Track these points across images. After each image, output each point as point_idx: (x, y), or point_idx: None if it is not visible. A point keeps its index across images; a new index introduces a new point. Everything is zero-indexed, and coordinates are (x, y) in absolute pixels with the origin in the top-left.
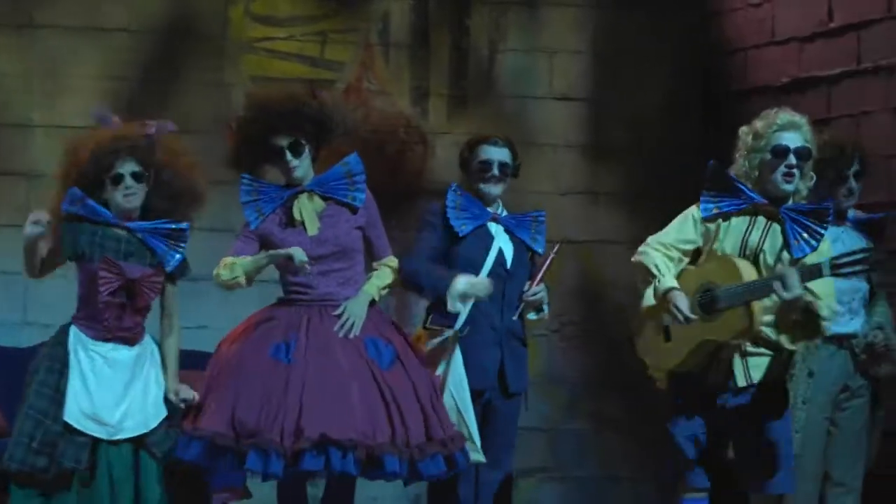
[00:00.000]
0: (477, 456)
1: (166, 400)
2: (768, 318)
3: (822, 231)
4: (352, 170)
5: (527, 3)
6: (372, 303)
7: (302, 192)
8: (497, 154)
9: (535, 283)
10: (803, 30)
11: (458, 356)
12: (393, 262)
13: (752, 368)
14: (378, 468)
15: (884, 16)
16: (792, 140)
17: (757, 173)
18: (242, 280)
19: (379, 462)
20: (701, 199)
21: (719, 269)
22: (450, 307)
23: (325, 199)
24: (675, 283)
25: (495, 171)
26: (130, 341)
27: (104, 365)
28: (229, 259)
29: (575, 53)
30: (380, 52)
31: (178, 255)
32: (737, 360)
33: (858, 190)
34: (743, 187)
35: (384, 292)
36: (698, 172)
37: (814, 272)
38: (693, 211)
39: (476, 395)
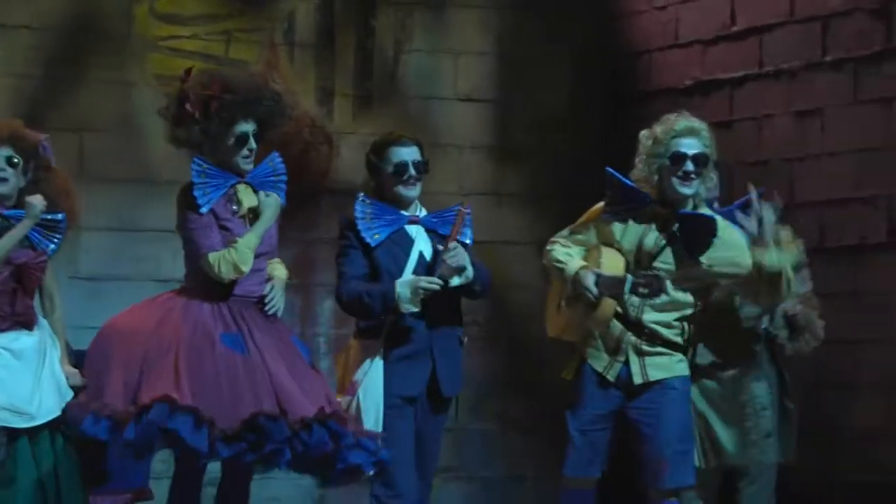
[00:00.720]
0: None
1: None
2: (658, 316)
3: (713, 237)
4: (276, 168)
5: (432, 5)
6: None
7: (242, 183)
8: (410, 154)
9: (450, 241)
10: (706, 33)
11: (378, 364)
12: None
13: (648, 367)
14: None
15: (785, 20)
16: (690, 146)
17: (656, 178)
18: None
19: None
20: (603, 204)
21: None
22: (404, 310)
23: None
24: (581, 264)
25: (412, 172)
26: (28, 325)
27: (11, 357)
28: (226, 254)
29: (480, 55)
30: (285, 51)
31: (52, 246)
32: (633, 358)
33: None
34: (641, 192)
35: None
36: (602, 173)
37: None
38: (593, 213)
39: (409, 402)
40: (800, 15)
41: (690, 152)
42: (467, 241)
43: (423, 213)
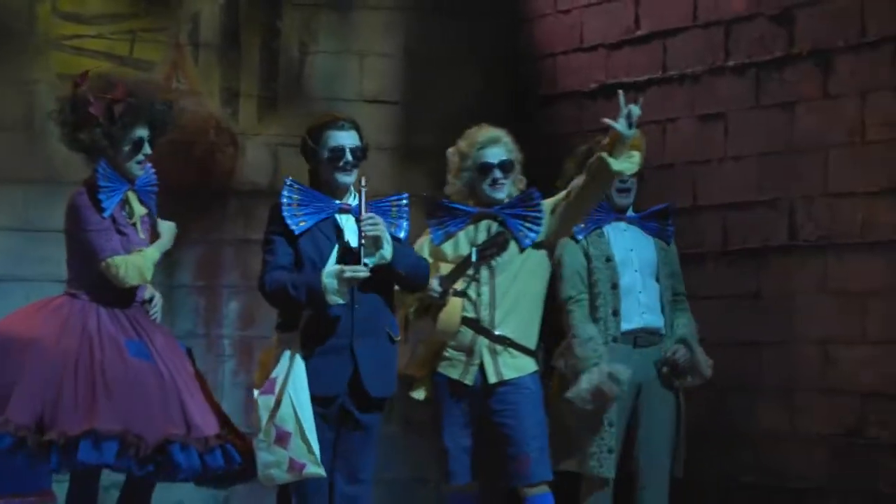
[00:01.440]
0: (315, 469)
1: None
2: (511, 323)
3: (539, 214)
4: (151, 179)
5: (337, 6)
6: None
7: (131, 190)
8: (347, 139)
9: (363, 215)
10: (611, 37)
11: (299, 360)
12: None
13: (502, 366)
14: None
15: (689, 24)
16: (494, 155)
17: (470, 189)
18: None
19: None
20: (429, 228)
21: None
22: (331, 302)
23: (141, 203)
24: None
25: (349, 158)
26: None
27: None
28: (132, 258)
29: (386, 56)
30: (190, 52)
31: None
32: (488, 359)
33: (634, 186)
34: (459, 206)
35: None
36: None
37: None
38: (424, 239)
39: (327, 402)
40: (703, 20)
41: (496, 160)
42: (401, 235)
43: (356, 201)
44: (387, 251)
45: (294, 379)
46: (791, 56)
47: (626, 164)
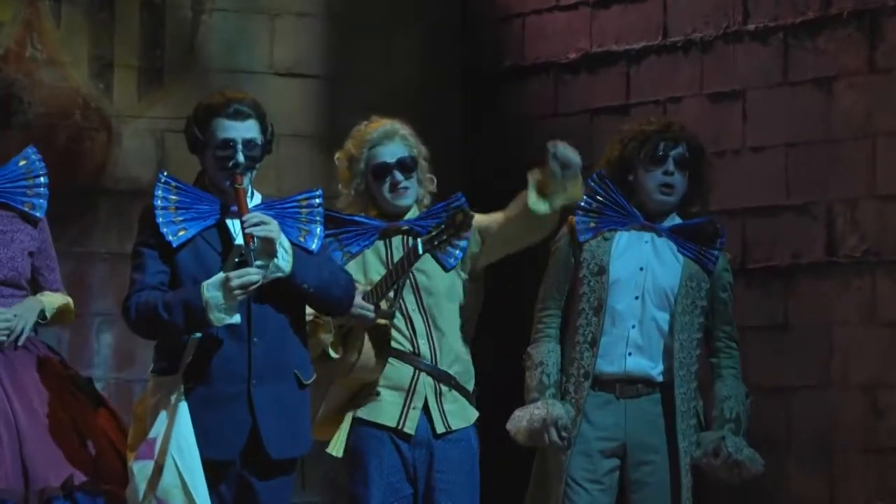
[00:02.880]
0: None
1: None
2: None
3: (466, 234)
4: (33, 169)
5: None
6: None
7: None
8: (241, 130)
9: (244, 212)
10: None
11: (183, 412)
12: (66, 299)
13: (448, 414)
14: None
15: None
16: (390, 153)
17: (368, 198)
18: None
19: None
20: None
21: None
22: (217, 322)
23: None
24: None
25: (239, 158)
26: None
27: None
28: None
29: (303, 17)
30: (49, 9)
31: None
32: (433, 404)
33: (682, 184)
34: (360, 218)
35: (55, 315)
36: (460, 168)
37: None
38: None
39: (220, 470)
40: None
41: (392, 159)
42: (312, 246)
43: (255, 201)
44: (283, 261)
45: (178, 438)
46: (828, 18)
47: (541, 204)
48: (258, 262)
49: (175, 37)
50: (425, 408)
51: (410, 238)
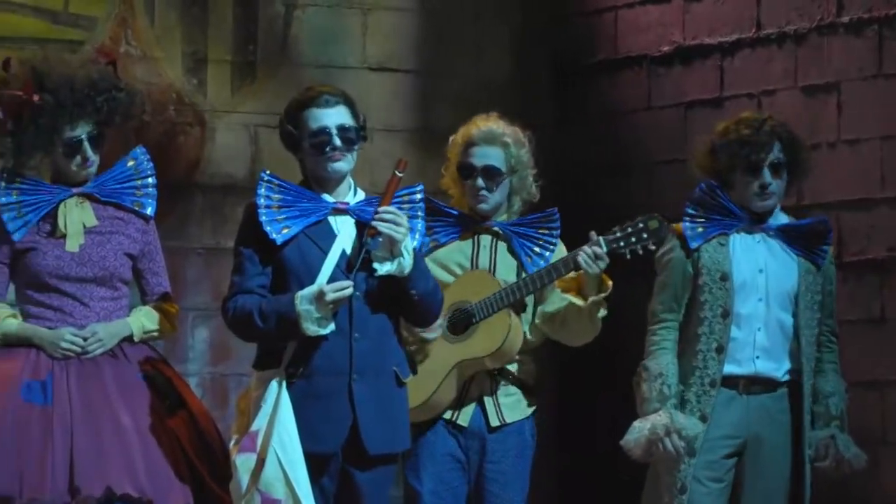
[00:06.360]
0: None
1: None
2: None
3: (554, 239)
4: (142, 169)
5: None
6: (130, 341)
7: (73, 195)
8: (333, 117)
9: (382, 206)
10: None
11: (285, 406)
12: (172, 307)
13: (504, 408)
14: None
15: None
16: (481, 157)
17: (459, 190)
18: None
19: None
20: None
21: (469, 284)
22: (311, 333)
23: (105, 204)
24: None
25: (336, 141)
26: None
27: None
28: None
29: (397, 12)
30: (143, 5)
31: None
32: (488, 400)
33: (780, 187)
34: (449, 209)
35: (147, 336)
36: (553, 161)
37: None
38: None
39: (321, 463)
40: None
41: (479, 164)
42: (414, 244)
43: (358, 197)
44: (406, 261)
45: (280, 431)
46: None
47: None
48: (378, 253)
49: (268, 32)
50: (480, 401)
51: (499, 241)
